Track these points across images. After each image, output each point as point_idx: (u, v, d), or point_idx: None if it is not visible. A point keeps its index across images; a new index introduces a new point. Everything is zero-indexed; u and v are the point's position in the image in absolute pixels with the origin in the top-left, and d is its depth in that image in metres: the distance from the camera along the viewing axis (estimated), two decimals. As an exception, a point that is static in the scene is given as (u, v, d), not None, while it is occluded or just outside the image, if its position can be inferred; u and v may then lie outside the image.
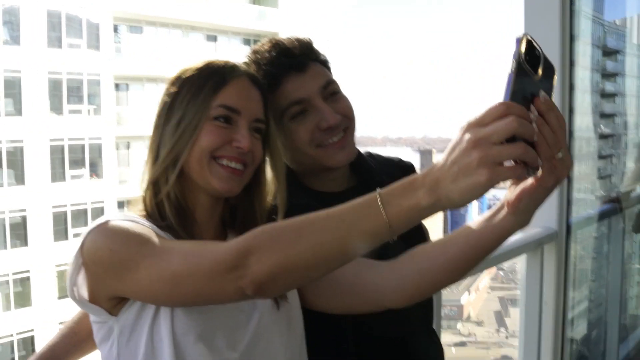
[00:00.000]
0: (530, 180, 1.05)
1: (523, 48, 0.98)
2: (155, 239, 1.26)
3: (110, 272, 1.26)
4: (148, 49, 27.59)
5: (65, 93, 25.52)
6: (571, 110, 3.36)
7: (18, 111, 24.34)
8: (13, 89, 24.19)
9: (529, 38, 0.99)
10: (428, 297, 1.85)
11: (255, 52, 1.74)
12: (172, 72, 1.50)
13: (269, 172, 1.55)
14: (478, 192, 0.97)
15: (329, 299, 1.50)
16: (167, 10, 27.63)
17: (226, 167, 1.41)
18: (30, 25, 24.27)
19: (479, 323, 44.76)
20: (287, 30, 31.60)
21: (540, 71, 1.00)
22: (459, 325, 43.27)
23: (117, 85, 27.23)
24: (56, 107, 25.37)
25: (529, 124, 0.95)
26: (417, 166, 2.03)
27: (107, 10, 26.35)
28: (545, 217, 3.24)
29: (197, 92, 1.41)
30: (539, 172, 1.01)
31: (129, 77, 26.92)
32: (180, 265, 1.20)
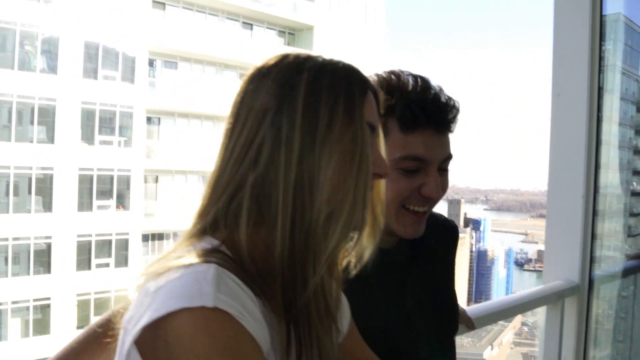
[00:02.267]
0: None
1: None
2: None
3: None
4: (182, 85, 27.93)
5: (98, 124, 25.86)
6: (598, 166, 3.33)
7: (50, 139, 24.68)
8: (47, 117, 24.57)
9: None
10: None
11: (407, 80, 1.60)
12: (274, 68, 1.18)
13: None
14: None
15: None
16: (202, 47, 28.05)
17: None
18: (67, 56, 24.73)
19: (502, 379, 44.13)
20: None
21: None
22: (482, 381, 42.62)
23: (149, 119, 27.53)
24: (88, 137, 25.68)
25: None
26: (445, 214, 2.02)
27: (143, 44, 26.79)
28: (567, 270, 3.20)
29: (352, 107, 1.14)
30: None
31: (161, 112, 27.24)
32: None
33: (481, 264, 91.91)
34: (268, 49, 30.13)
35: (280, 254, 1.07)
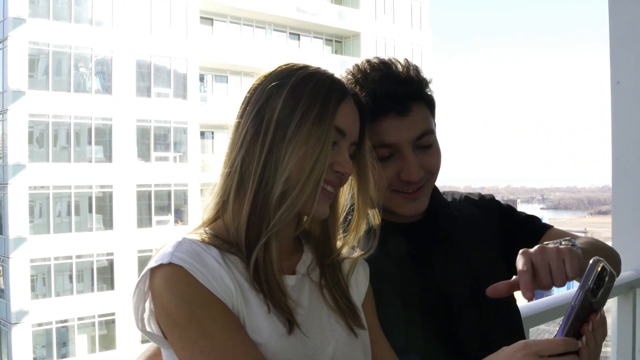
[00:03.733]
0: None
1: (592, 279, 1.15)
2: (216, 330, 1.23)
3: (168, 331, 1.26)
4: (233, 98, 28.20)
5: (153, 140, 26.30)
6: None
7: (108, 158, 25.20)
8: (103, 136, 25.10)
9: (602, 266, 1.15)
10: None
11: (364, 73, 1.64)
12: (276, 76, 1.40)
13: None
14: None
15: None
16: (251, 59, 28.29)
17: (324, 190, 1.38)
18: (120, 75, 25.24)
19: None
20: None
21: (601, 291, 1.16)
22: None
23: (202, 133, 27.90)
24: (144, 154, 26.15)
25: None
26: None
27: (193, 60, 27.17)
28: (637, 260, 3.14)
29: (324, 113, 1.35)
30: None
31: (214, 125, 27.53)
32: None
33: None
34: (316, 57, 30.29)
35: (245, 218, 1.33)
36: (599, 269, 1.15)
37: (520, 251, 1.30)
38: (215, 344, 1.21)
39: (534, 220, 1.89)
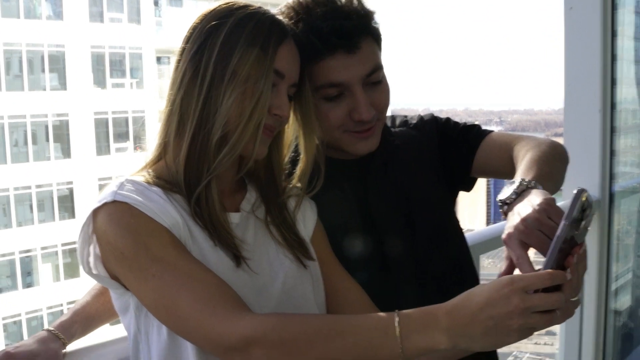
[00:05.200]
0: None
1: (576, 209, 1.09)
2: (166, 254, 1.22)
3: (118, 267, 1.24)
4: (189, 22, 27.61)
5: (108, 67, 25.76)
6: (613, 82, 3.29)
7: (63, 85, 24.67)
8: (57, 63, 24.50)
9: (586, 196, 1.11)
10: None
11: (306, 9, 1.55)
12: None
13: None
14: (500, 346, 1.07)
15: None
16: (207, -18, 27.65)
17: (264, 131, 1.35)
18: (72, 1, 24.49)
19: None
20: None
21: (583, 223, 1.12)
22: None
23: (158, 59, 27.36)
24: (100, 81, 25.64)
25: (566, 301, 1.05)
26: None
27: (147, -17, 26.47)
28: (587, 186, 3.20)
29: (264, 55, 1.32)
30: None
31: (170, 51, 26.91)
32: (188, 310, 1.17)
33: (499, 185, 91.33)
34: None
35: (183, 159, 1.31)
36: (583, 199, 1.11)
37: (503, 238, 1.26)
38: (166, 267, 1.20)
39: (470, 130, 1.86)
